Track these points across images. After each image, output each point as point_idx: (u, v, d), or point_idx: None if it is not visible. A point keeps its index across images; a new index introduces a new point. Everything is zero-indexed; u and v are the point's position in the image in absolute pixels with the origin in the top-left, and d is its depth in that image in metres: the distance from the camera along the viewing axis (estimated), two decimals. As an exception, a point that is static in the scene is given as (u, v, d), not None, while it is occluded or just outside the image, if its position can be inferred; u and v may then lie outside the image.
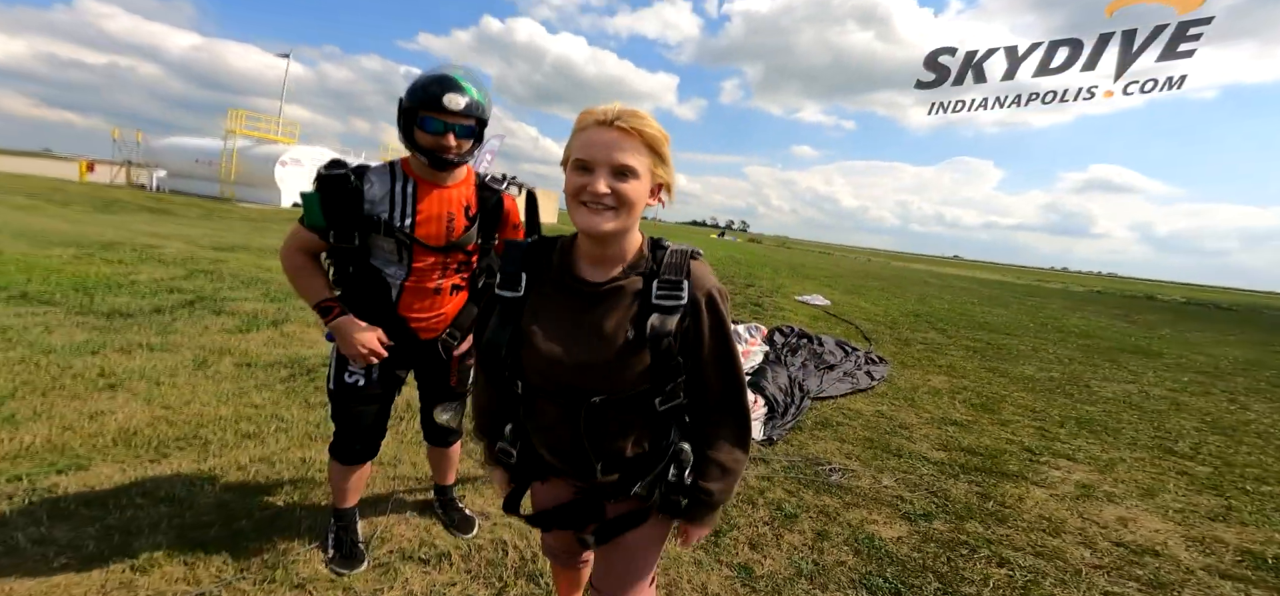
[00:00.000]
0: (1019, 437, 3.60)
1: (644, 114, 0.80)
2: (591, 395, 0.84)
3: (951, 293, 15.43)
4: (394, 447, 2.37)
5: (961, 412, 4.03)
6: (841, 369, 4.84)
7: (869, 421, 3.63)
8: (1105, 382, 5.59)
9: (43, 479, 1.86)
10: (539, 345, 0.85)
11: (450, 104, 1.29)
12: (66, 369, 2.78)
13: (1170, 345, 8.94)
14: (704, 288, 0.85)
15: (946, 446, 3.32)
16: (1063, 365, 6.31)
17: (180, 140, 22.88)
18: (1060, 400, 4.68)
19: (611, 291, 0.85)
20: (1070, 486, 2.91)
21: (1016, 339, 7.93)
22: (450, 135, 1.34)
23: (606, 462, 0.89)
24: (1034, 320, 10.62)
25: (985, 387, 4.83)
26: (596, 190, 0.78)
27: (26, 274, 4.62)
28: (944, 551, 2.16)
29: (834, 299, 9.92)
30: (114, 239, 6.95)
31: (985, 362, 5.96)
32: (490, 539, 1.86)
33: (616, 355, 0.82)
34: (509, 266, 0.91)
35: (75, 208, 10.83)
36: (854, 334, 6.82)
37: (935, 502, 2.58)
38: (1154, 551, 2.31)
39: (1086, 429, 3.94)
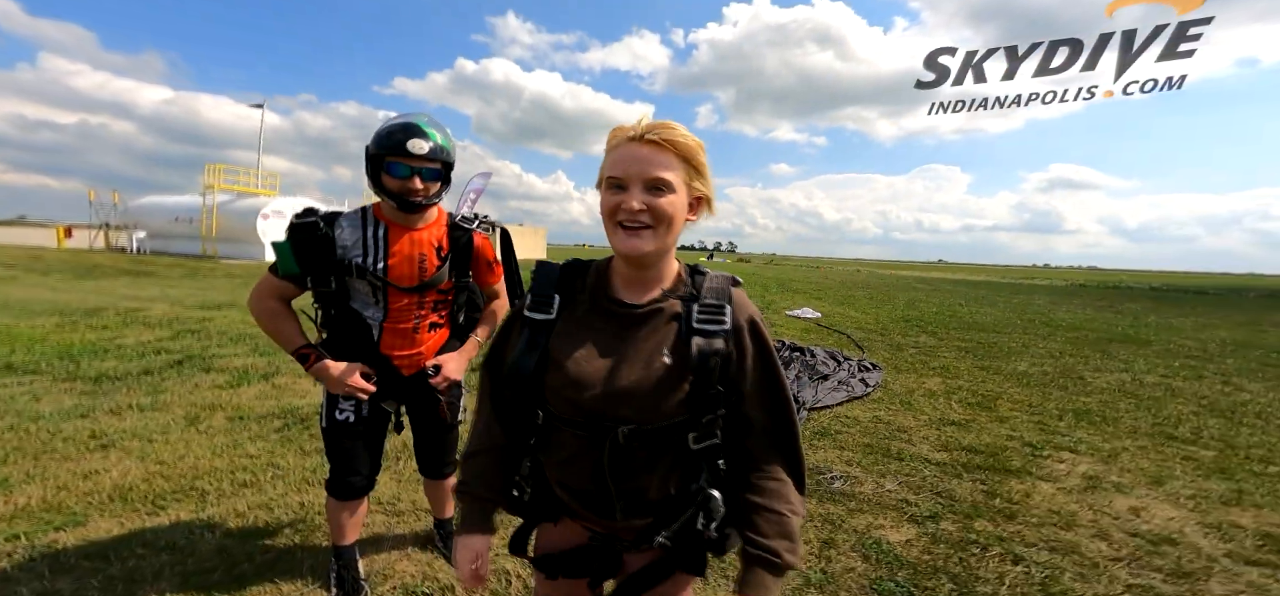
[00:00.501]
0: (1019, 433, 3.53)
1: (675, 125, 0.76)
2: (620, 425, 0.76)
3: (939, 296, 15.61)
4: (393, 487, 2.36)
5: (959, 412, 3.96)
6: (835, 378, 4.77)
7: (867, 428, 3.55)
8: (1098, 373, 5.58)
9: (41, 536, 1.88)
10: (569, 369, 0.79)
11: (414, 148, 1.33)
12: (57, 433, 2.78)
13: (1157, 332, 9.05)
14: (746, 313, 0.80)
15: (947, 447, 3.24)
16: (1054, 359, 6.32)
17: (159, 199, 22.67)
18: (1056, 393, 4.65)
19: (651, 313, 0.80)
20: (1076, 479, 2.83)
21: (1006, 336, 7.96)
22: (416, 178, 1.37)
23: (628, 502, 0.81)
24: (1021, 317, 10.72)
25: (980, 386, 4.79)
26: (631, 207, 0.74)
27: (9, 345, 4.57)
28: (955, 551, 2.08)
29: (824, 311, 9.94)
30: (97, 304, 6.85)
31: (978, 361, 5.94)
32: (494, 570, 1.81)
33: (655, 381, 0.76)
34: (541, 287, 0.85)
35: (55, 276, 10.58)
36: (846, 343, 6.79)
37: (941, 503, 2.49)
38: (1171, 540, 2.22)
39: (1085, 420, 3.89)
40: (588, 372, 0.78)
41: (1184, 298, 19.36)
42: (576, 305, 0.84)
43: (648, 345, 0.78)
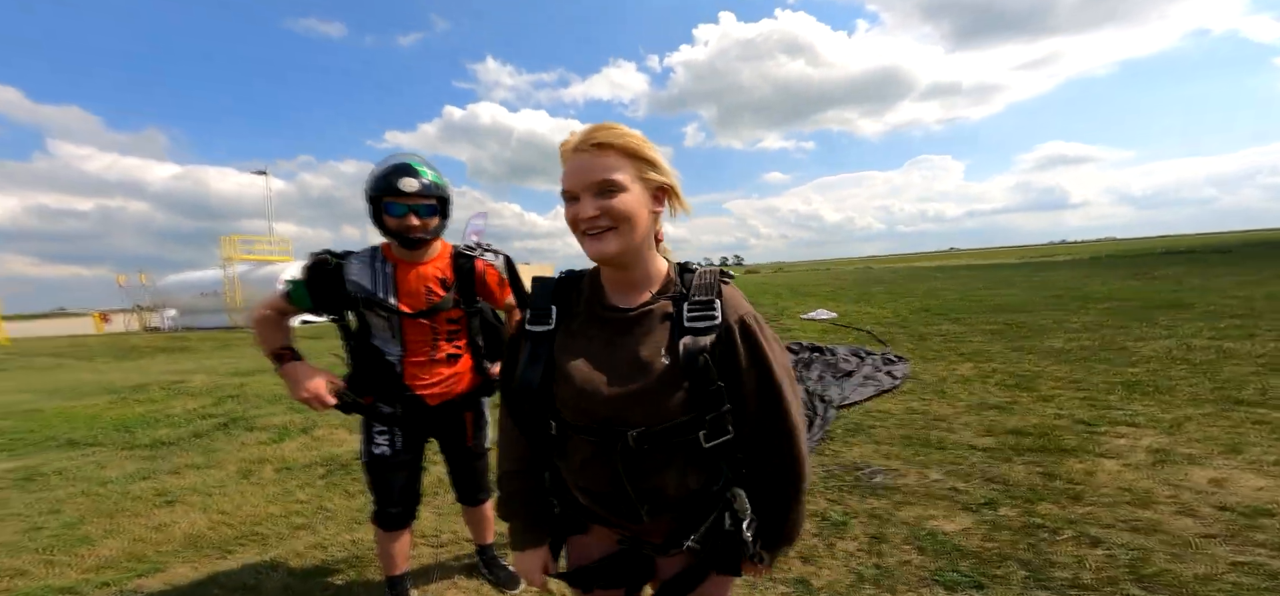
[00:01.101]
0: (1068, 411, 3.28)
1: (612, 125, 0.76)
2: (628, 428, 0.76)
3: (957, 283, 15.18)
4: (434, 521, 2.40)
5: (998, 396, 3.72)
6: (860, 374, 4.56)
7: (901, 419, 3.34)
8: (1141, 342, 5.25)
9: (128, 582, 2.02)
10: (572, 376, 0.79)
11: (405, 187, 1.41)
12: (126, 494, 2.97)
13: (1197, 294, 8.58)
14: (737, 312, 0.79)
15: (991, 431, 3.01)
16: (1091, 332, 5.98)
17: (184, 276, 23.29)
18: (1100, 367, 4.35)
19: (641, 316, 0.80)
20: (1142, 453, 2.58)
21: (1035, 315, 7.61)
22: (412, 216, 1.44)
23: (649, 502, 0.80)
24: (1048, 293, 10.31)
25: (1016, 367, 4.52)
26: (586, 215, 0.74)
27: (70, 424, 4.83)
28: (1021, 538, 1.89)
29: (840, 310, 9.69)
30: (140, 381, 7.17)
31: (1010, 343, 5.64)
32: (537, 591, 1.77)
33: (653, 382, 0.76)
34: (539, 301, 0.86)
35: (98, 360, 11.04)
36: (867, 339, 6.55)
37: (996, 489, 2.28)
38: (1267, 512, 1.97)
39: (1138, 392, 3.61)
40: (590, 379, 0.78)
41: (1214, 258, 18.51)
42: (573, 315, 0.85)
43: (644, 348, 0.78)
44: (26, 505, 2.85)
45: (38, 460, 3.70)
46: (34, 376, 8.80)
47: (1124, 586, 1.61)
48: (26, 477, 3.32)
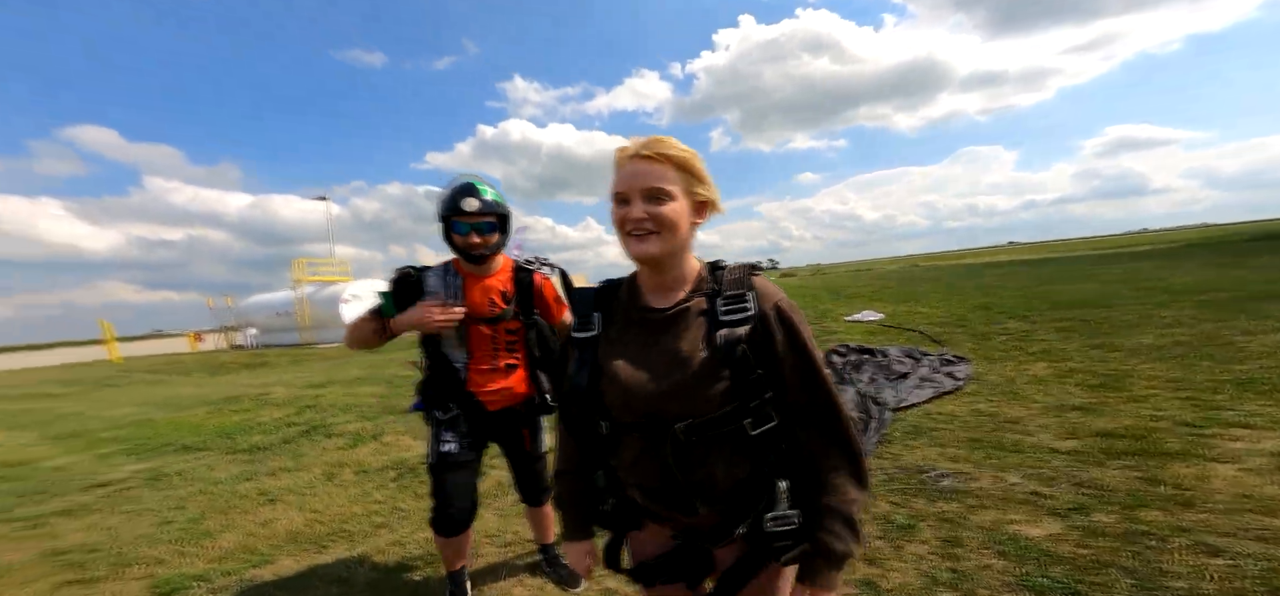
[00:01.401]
0: (1167, 412, 2.97)
1: (667, 138, 0.82)
2: (674, 421, 0.80)
3: (1017, 279, 14.05)
4: (497, 522, 2.52)
5: (1080, 396, 3.43)
6: (917, 376, 4.34)
7: (967, 422, 3.15)
8: (1249, 336, 4.65)
9: (246, 572, 2.26)
10: (619, 376, 0.84)
11: (467, 207, 1.57)
12: (234, 492, 3.33)
13: (1316, 283, 7.50)
14: (771, 300, 0.82)
15: (1075, 433, 2.79)
16: (1187, 326, 5.37)
17: (262, 297, 25.66)
18: (1203, 364, 3.91)
19: (678, 314, 0.85)
20: (1263, 457, 2.30)
21: (1117, 310, 6.92)
22: (474, 234, 1.60)
23: (701, 493, 0.83)
24: (1130, 287, 9.33)
25: (1099, 366, 4.14)
26: (634, 217, 0.80)
27: (180, 431, 5.54)
28: (1122, 545, 1.75)
29: (887, 311, 9.24)
30: (232, 394, 8.06)
31: (1089, 341, 5.17)
32: (599, 589, 1.88)
33: (694, 375, 0.79)
34: (581, 309, 0.93)
35: (194, 375, 12.49)
36: (920, 340, 6.21)
37: (1087, 494, 2.11)
38: None
39: (1251, 390, 3.21)
40: (633, 377, 0.83)
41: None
42: (614, 320, 0.90)
43: (682, 343, 0.81)
44: (157, 502, 3.26)
45: (159, 463, 4.21)
46: (143, 390, 10.01)
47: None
48: (153, 477, 3.79)
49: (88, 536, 2.79)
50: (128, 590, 2.16)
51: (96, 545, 2.66)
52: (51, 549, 2.66)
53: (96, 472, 4.07)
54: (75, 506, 3.30)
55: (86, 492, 3.57)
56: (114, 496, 3.44)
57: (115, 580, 2.26)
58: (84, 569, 2.39)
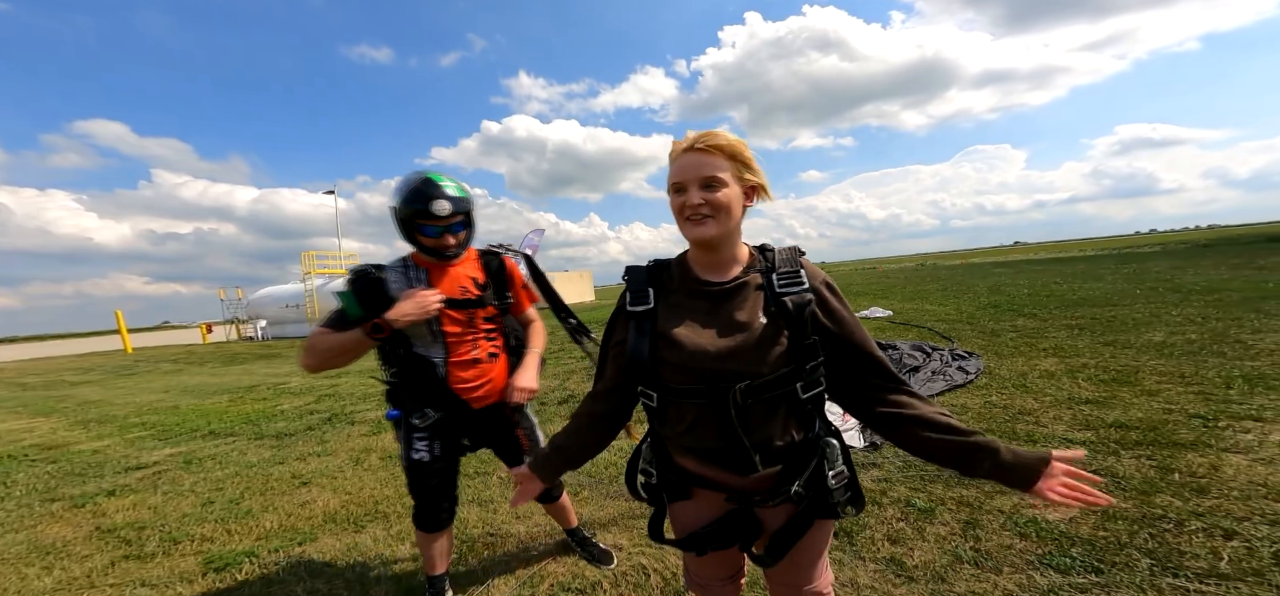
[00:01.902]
0: (1178, 405, 3.04)
1: (717, 131, 0.90)
2: (734, 382, 0.85)
3: (1026, 277, 14.04)
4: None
5: (1090, 390, 3.49)
6: (928, 369, 4.41)
7: (981, 413, 3.23)
8: (1260, 334, 4.69)
9: (292, 549, 2.35)
10: (681, 342, 0.89)
11: (438, 211, 1.42)
12: (269, 476, 3.42)
13: (1328, 283, 7.49)
14: (819, 278, 0.92)
15: (1088, 425, 2.86)
16: (1198, 324, 5.41)
17: (272, 290, 25.97)
18: (1212, 360, 3.96)
19: (737, 287, 0.91)
20: (1274, 447, 2.37)
21: (1126, 308, 6.95)
22: (447, 235, 1.47)
23: (762, 452, 0.89)
24: (1140, 286, 9.34)
25: (1110, 362, 4.20)
26: (692, 203, 0.87)
27: (205, 418, 5.62)
28: (1139, 528, 1.82)
29: (895, 308, 9.28)
30: (250, 383, 8.21)
31: (1098, 338, 5.22)
32: (631, 565, 1.95)
33: (757, 340, 0.86)
34: (636, 285, 0.97)
35: (210, 365, 12.58)
36: (929, 337, 6.26)
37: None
38: None
39: (1261, 385, 3.27)
40: (698, 341, 0.88)
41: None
42: (670, 292, 0.95)
43: (742, 312, 0.89)
44: (194, 484, 3.38)
45: (191, 447, 4.35)
46: (162, 379, 10.17)
47: (1271, 577, 1.53)
48: (187, 461, 3.91)
49: (134, 515, 2.91)
50: (183, 565, 2.27)
51: (144, 523, 2.78)
52: (101, 526, 2.78)
53: (131, 456, 4.20)
54: (117, 487, 3.43)
55: (125, 475, 3.71)
56: (153, 478, 3.57)
57: (168, 556, 2.37)
58: (136, 545, 2.51)
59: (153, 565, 2.29)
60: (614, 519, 2.33)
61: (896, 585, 1.66)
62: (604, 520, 2.33)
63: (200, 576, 2.16)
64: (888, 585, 1.67)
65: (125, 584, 2.14)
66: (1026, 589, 1.59)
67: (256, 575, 2.12)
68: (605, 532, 2.21)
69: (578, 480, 2.81)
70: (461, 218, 1.48)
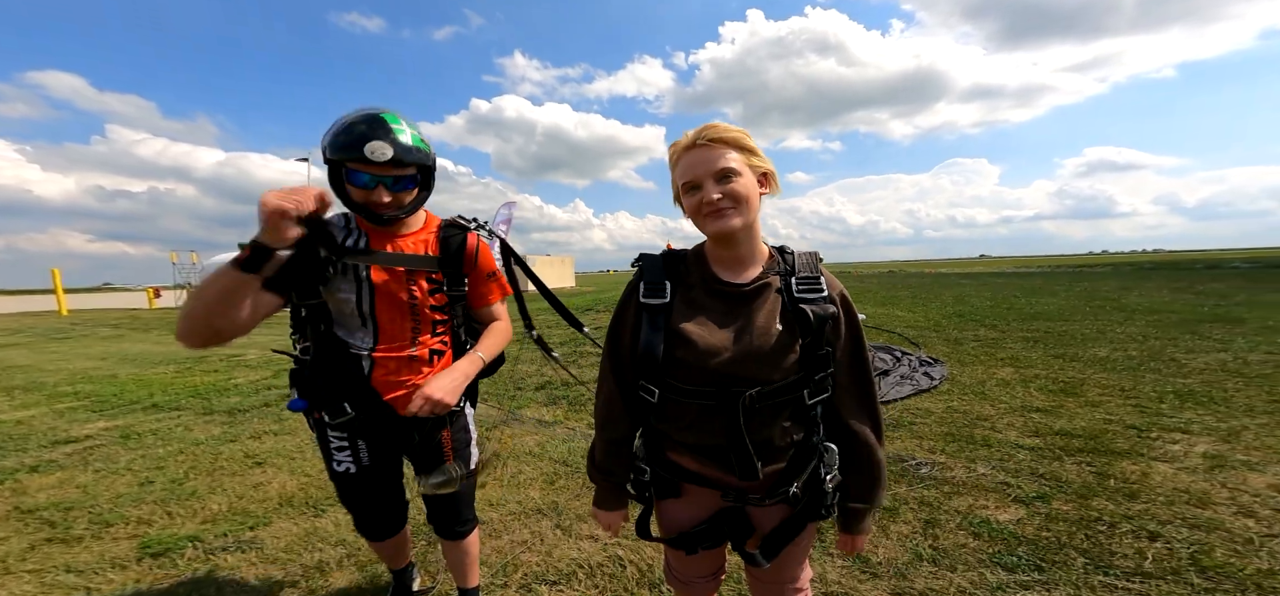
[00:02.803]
0: (1117, 416, 3.25)
1: (718, 124, 0.88)
2: (745, 387, 0.84)
3: (989, 290, 14.76)
4: (497, 491, 2.51)
5: (1041, 399, 3.70)
6: (897, 373, 4.58)
7: (942, 418, 3.37)
8: (1192, 354, 5.08)
9: (242, 534, 2.21)
10: (695, 342, 0.87)
11: (375, 155, 1.06)
12: (218, 455, 3.21)
13: (1250, 310, 8.18)
14: (837, 287, 0.91)
15: (1038, 432, 3.03)
16: (1138, 342, 5.81)
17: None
18: (1149, 376, 4.26)
19: (758, 289, 0.89)
20: (1197, 458, 2.57)
21: (1076, 324, 7.40)
22: (381, 189, 1.10)
23: (764, 453, 0.89)
24: (1089, 304, 9.96)
25: (1059, 373, 4.46)
26: (711, 199, 0.84)
27: (148, 389, 5.21)
28: (1078, 529, 1.95)
29: (868, 312, 9.59)
30: (201, 354, 7.53)
31: (1050, 350, 5.54)
32: (607, 556, 1.93)
33: (772, 346, 0.85)
34: (652, 276, 0.94)
35: (155, 331, 11.64)
36: (898, 342, 6.50)
37: (1047, 485, 2.33)
38: (1330, 515, 1.97)
39: (1190, 401, 3.54)
40: (712, 343, 0.86)
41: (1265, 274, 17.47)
42: (687, 287, 0.92)
43: (759, 316, 0.87)
44: (131, 461, 3.14)
45: (129, 421, 4.05)
46: (100, 345, 9.44)
47: (1187, 576, 1.66)
48: (124, 436, 3.64)
49: (61, 493, 2.69)
50: (115, 550, 2.10)
51: (72, 503, 2.57)
52: (21, 505, 2.55)
53: (60, 429, 3.88)
54: (42, 463, 3.16)
55: (52, 449, 3.42)
56: (84, 454, 3.31)
57: (98, 540, 2.19)
58: (62, 527, 2.31)
59: (80, 549, 2.12)
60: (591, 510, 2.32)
61: (862, 581, 1.72)
62: (581, 509, 2.30)
63: (134, 562, 2.00)
64: (854, 581, 1.72)
65: (47, 569, 1.97)
66: (979, 586, 1.67)
67: (201, 562, 1.98)
68: (582, 522, 2.19)
69: (553, 467, 2.78)
70: (411, 174, 1.14)
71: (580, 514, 2.26)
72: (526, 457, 2.95)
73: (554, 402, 4.16)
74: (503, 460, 2.93)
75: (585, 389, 4.25)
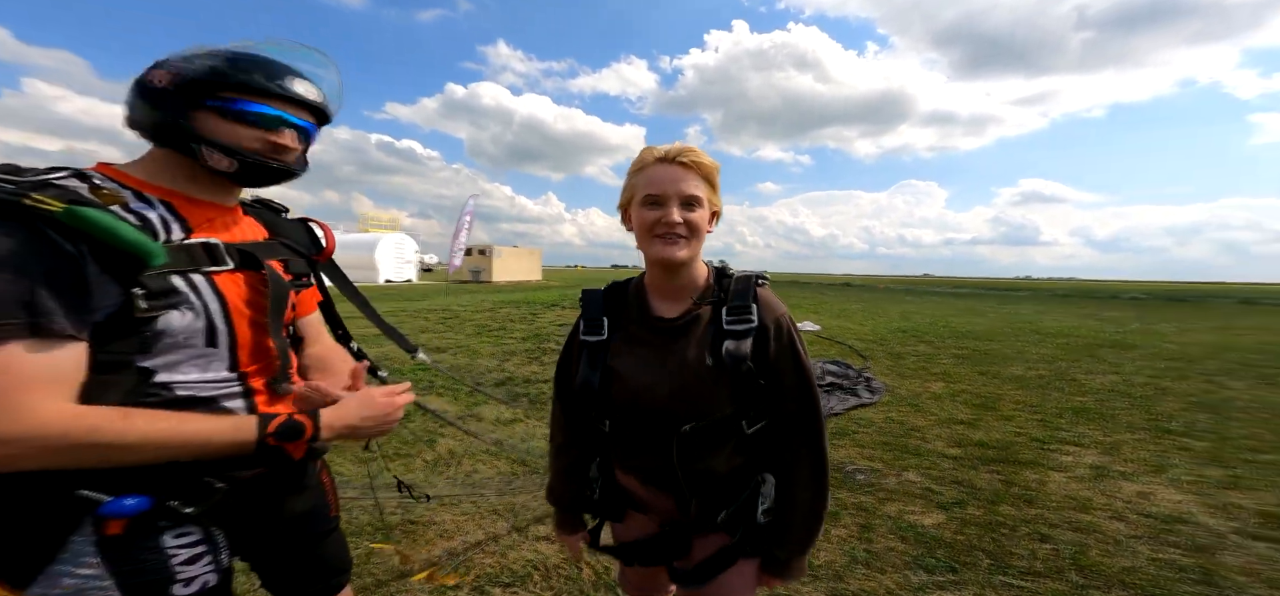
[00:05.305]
0: (1025, 430, 3.68)
1: (698, 149, 0.86)
2: (682, 423, 0.85)
3: (929, 307, 16.01)
4: (453, 492, 2.48)
5: (965, 413, 4.11)
6: (842, 389, 4.91)
7: (881, 428, 3.67)
8: (1090, 375, 5.79)
9: None
10: (629, 381, 0.88)
11: (300, 92, 0.77)
12: None
13: (1141, 337, 9.40)
14: (774, 313, 0.88)
15: (960, 443, 3.37)
16: (1048, 363, 6.54)
17: None
18: (1053, 394, 4.82)
19: (686, 324, 0.88)
20: (1084, 469, 2.97)
21: (999, 344, 8.21)
22: (290, 132, 0.77)
23: (698, 484, 0.89)
24: (1011, 326, 11.04)
25: (981, 389, 4.96)
26: (672, 220, 0.83)
27: None
28: (986, 533, 2.21)
29: (825, 324, 10.13)
30: None
31: (976, 367, 6.12)
32: (563, 557, 1.96)
33: (700, 383, 0.85)
34: (591, 312, 0.94)
35: None
36: (849, 354, 6.95)
37: (964, 492, 2.62)
38: (1181, 520, 2.36)
39: (1084, 417, 4.05)
40: (644, 383, 0.87)
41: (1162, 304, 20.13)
42: (624, 324, 0.93)
43: (691, 353, 0.86)
44: None
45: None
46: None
47: (1068, 575, 1.94)
48: None
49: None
50: None
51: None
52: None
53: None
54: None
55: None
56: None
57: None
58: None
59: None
60: (550, 511, 2.34)
61: (803, 585, 1.86)
62: (538, 510, 2.33)
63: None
64: (794, 585, 1.82)
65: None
66: (904, 587, 1.86)
67: None
68: (539, 525, 2.21)
69: (511, 466, 2.78)
70: (315, 128, 0.83)
71: (537, 514, 2.29)
72: (483, 456, 2.93)
73: (514, 400, 4.14)
74: (458, 459, 2.89)
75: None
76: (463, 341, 6.91)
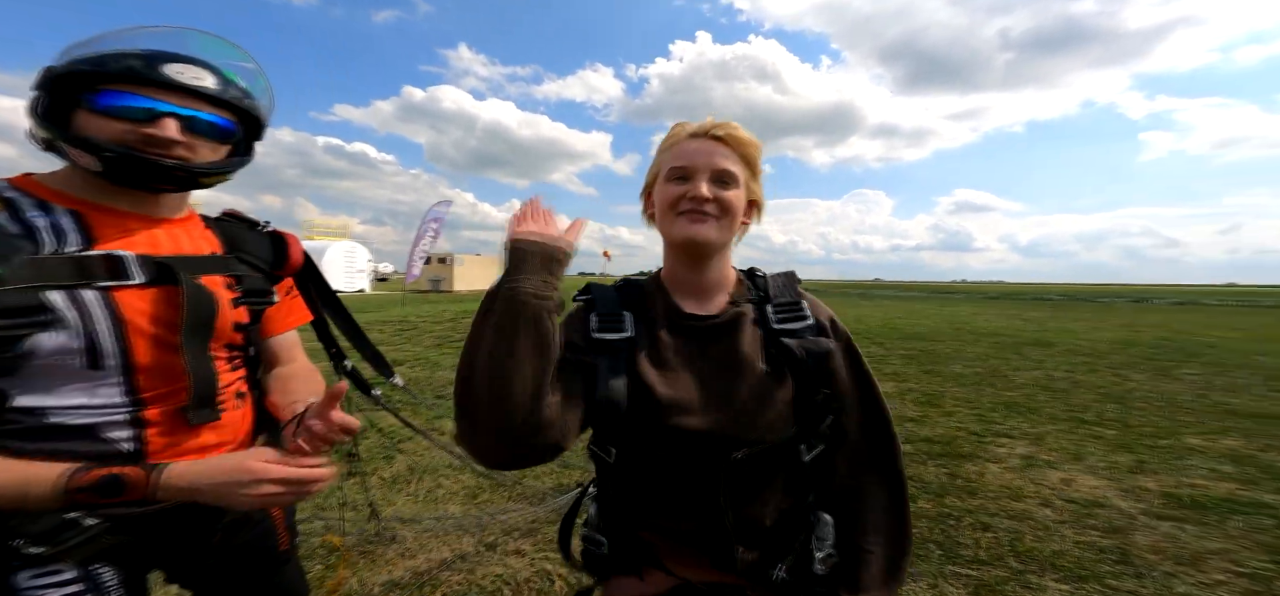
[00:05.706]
0: (964, 425, 3.95)
1: (736, 124, 0.72)
2: (731, 447, 0.66)
3: (880, 310, 17.06)
4: (415, 509, 2.37)
5: (913, 410, 4.37)
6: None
7: (838, 428, 3.83)
8: (1018, 372, 6.35)
9: None
10: (663, 394, 0.68)
11: (176, 76, 0.67)
12: None
13: (1058, 336, 10.45)
14: (825, 313, 0.75)
15: (909, 439, 3.57)
16: (982, 361, 7.11)
17: None
18: (988, 390, 5.23)
19: (730, 321, 0.73)
20: (1016, 459, 3.23)
21: (941, 344, 8.85)
22: (169, 121, 0.67)
23: (746, 534, 0.69)
24: (951, 326, 11.96)
25: (926, 387, 5.30)
26: (699, 194, 0.69)
27: None
28: (935, 525, 2.33)
29: (782, 325, 10.50)
30: None
31: (921, 367, 6.56)
32: (534, 572, 1.89)
33: (759, 393, 0.68)
34: (605, 306, 0.73)
35: None
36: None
37: (915, 486, 2.75)
38: (1099, 504, 2.60)
39: (1014, 412, 4.42)
40: (686, 396, 0.68)
41: (1073, 304, 22.59)
42: (651, 322, 0.74)
43: (738, 356, 0.70)
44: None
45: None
46: None
47: (1007, 561, 2.07)
48: None
49: None
50: None
51: None
52: None
53: None
54: None
55: None
56: None
57: None
58: None
59: None
60: (516, 524, 2.23)
61: None
62: (507, 523, 2.21)
63: None
64: None
65: None
66: None
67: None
68: (508, 538, 2.11)
69: (476, 481, 2.64)
70: (229, 121, 0.73)
71: (506, 528, 2.18)
72: (446, 471, 2.77)
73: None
74: (418, 475, 2.73)
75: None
76: (421, 353, 6.56)
